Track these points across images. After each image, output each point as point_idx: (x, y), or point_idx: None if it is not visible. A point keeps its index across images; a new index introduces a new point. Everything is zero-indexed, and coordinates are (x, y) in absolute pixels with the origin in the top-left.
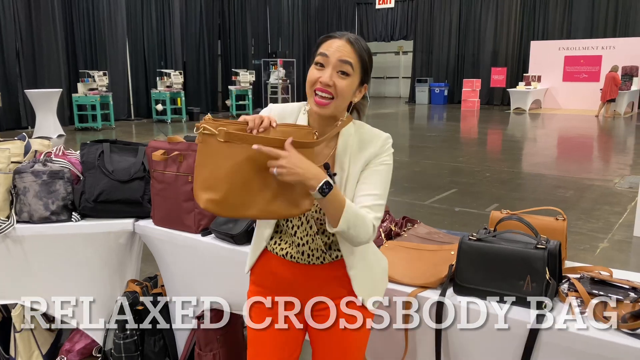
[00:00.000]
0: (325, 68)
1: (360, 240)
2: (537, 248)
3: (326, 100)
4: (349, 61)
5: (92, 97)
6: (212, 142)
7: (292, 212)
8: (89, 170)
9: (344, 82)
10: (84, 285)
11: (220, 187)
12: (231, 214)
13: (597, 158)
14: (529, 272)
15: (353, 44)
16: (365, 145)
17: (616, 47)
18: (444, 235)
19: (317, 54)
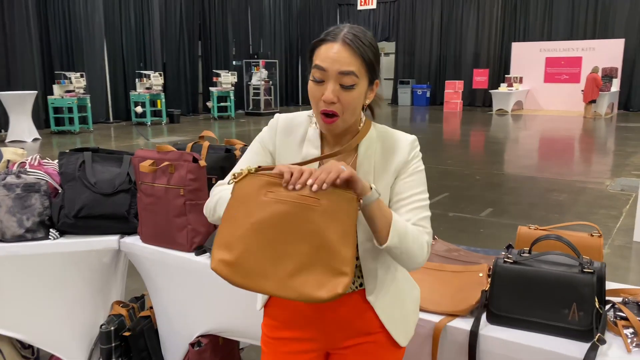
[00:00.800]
0: (325, 82)
1: (415, 257)
2: (583, 272)
3: (333, 118)
4: (350, 71)
5: (68, 100)
6: (239, 192)
7: (316, 294)
8: (69, 182)
9: (349, 95)
10: (64, 310)
11: (236, 246)
12: (244, 283)
13: (585, 160)
14: (575, 299)
15: (351, 45)
16: (390, 152)
17: (596, 49)
18: (466, 253)
19: (313, 66)
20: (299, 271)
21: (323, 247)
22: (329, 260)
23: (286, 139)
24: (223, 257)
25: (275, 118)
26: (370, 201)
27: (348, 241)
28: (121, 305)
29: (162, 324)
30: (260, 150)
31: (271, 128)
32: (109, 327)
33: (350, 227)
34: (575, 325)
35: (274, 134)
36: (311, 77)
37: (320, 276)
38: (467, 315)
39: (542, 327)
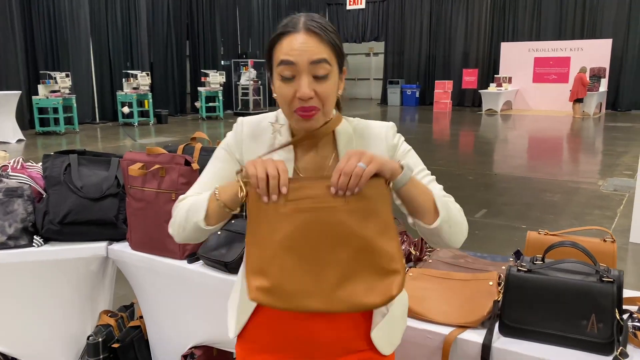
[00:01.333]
0: (296, 78)
1: (463, 226)
2: (602, 281)
3: (312, 112)
4: (323, 58)
5: (53, 100)
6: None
7: (369, 301)
8: (54, 186)
9: (326, 86)
10: (49, 321)
11: (270, 269)
12: (289, 306)
13: (577, 160)
14: (593, 310)
15: (317, 32)
16: (370, 142)
17: (584, 49)
18: (473, 260)
19: (279, 62)
20: (344, 280)
21: (363, 248)
22: (373, 260)
23: (253, 144)
24: (260, 284)
25: (239, 122)
26: (404, 182)
27: (389, 234)
28: (109, 315)
29: (152, 335)
30: (227, 158)
31: (236, 133)
32: (96, 338)
33: (388, 217)
34: (595, 337)
35: (240, 140)
36: (277, 76)
37: (368, 281)
38: (478, 326)
39: (559, 340)
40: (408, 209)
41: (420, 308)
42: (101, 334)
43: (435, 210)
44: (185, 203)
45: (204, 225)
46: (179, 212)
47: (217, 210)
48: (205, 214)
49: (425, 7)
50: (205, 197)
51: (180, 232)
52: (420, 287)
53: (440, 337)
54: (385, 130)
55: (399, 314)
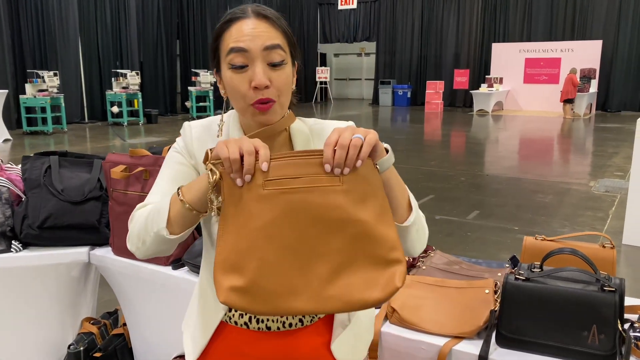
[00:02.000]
0: (249, 66)
1: (425, 238)
2: (604, 290)
3: (268, 104)
4: (277, 44)
5: (41, 99)
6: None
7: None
8: (33, 189)
9: (282, 74)
10: (28, 329)
11: (246, 264)
12: (269, 309)
13: (567, 160)
14: (595, 320)
15: (268, 16)
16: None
17: (574, 50)
18: (468, 266)
19: (229, 50)
20: (337, 274)
21: (361, 234)
22: (372, 249)
23: (204, 146)
24: (233, 284)
25: (186, 126)
26: (388, 166)
27: (388, 219)
28: (92, 322)
29: (136, 343)
30: (183, 160)
31: (185, 138)
32: (77, 347)
33: (384, 201)
34: (596, 349)
35: (190, 143)
36: (226, 66)
37: (367, 273)
38: (475, 337)
39: (558, 352)
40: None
41: (414, 318)
42: (83, 342)
43: (409, 207)
44: (143, 212)
45: (166, 234)
46: (136, 223)
47: (181, 214)
48: (167, 221)
49: (416, 7)
50: (167, 201)
51: (139, 246)
52: (414, 296)
53: (435, 348)
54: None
55: (365, 322)
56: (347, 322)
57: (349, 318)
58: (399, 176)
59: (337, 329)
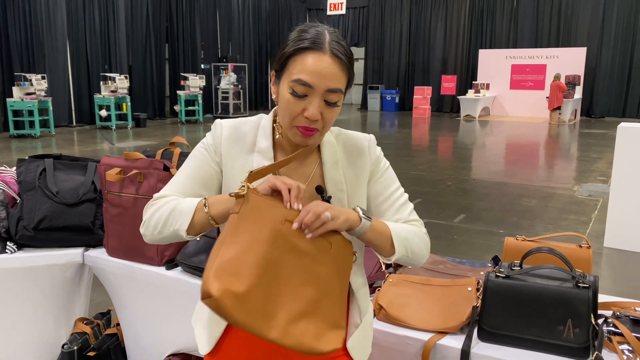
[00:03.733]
0: (307, 97)
1: (422, 254)
2: (578, 286)
3: (313, 132)
4: (339, 88)
5: (29, 102)
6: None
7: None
8: (28, 191)
9: (333, 112)
10: (22, 329)
11: (246, 277)
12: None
13: (553, 165)
14: (570, 315)
15: (341, 58)
16: (354, 154)
17: (559, 57)
18: (452, 266)
19: (295, 79)
20: (300, 317)
21: (328, 295)
22: (330, 310)
23: (232, 148)
24: (232, 288)
25: (217, 125)
26: (364, 231)
27: (346, 293)
28: (85, 322)
29: (130, 343)
30: (206, 158)
31: (215, 136)
32: (71, 346)
33: (347, 280)
34: (571, 342)
35: (219, 142)
36: (288, 89)
37: (319, 326)
38: (458, 332)
39: (536, 345)
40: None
41: (400, 314)
42: (76, 342)
43: (392, 247)
44: (167, 206)
45: (185, 235)
46: (156, 213)
47: (202, 222)
48: (189, 224)
49: (404, 13)
50: (192, 205)
51: (154, 233)
52: (400, 294)
53: (419, 343)
54: (367, 143)
55: (368, 324)
56: (359, 321)
57: (360, 318)
58: (380, 227)
59: (351, 328)
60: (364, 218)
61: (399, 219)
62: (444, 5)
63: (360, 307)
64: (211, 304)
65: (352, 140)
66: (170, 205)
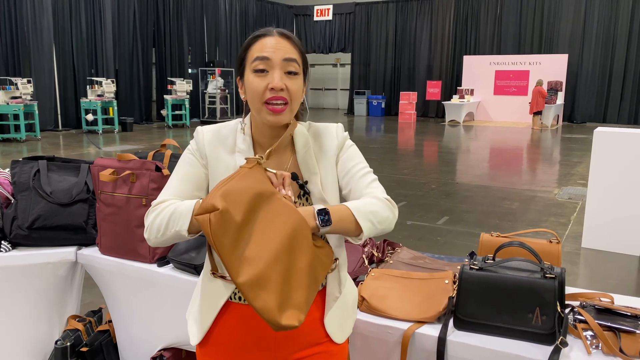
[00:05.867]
0: (269, 72)
1: (389, 220)
2: (546, 277)
3: (281, 107)
4: (294, 58)
5: (14, 106)
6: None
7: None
8: (22, 191)
9: (295, 83)
10: (16, 326)
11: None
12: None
13: (534, 169)
14: (538, 304)
15: (290, 37)
16: (323, 140)
17: (542, 63)
18: (431, 261)
19: (254, 58)
20: (269, 281)
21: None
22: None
23: (215, 150)
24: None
25: (199, 131)
26: (325, 232)
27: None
28: (77, 319)
29: (121, 339)
30: (195, 162)
31: (198, 141)
32: (64, 342)
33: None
34: (539, 329)
35: (202, 146)
36: (250, 71)
37: (283, 299)
38: (435, 321)
39: (507, 332)
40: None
41: (381, 305)
42: (69, 338)
43: (358, 227)
44: (166, 210)
45: (186, 235)
46: (157, 218)
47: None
48: (189, 224)
49: (390, 20)
50: (190, 207)
51: (157, 236)
52: (382, 286)
53: (399, 332)
54: (335, 129)
55: (350, 302)
56: (338, 293)
57: (340, 290)
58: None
59: (330, 303)
60: (321, 226)
61: (360, 187)
62: (429, 12)
63: (341, 278)
64: (215, 217)
65: (322, 129)
66: (170, 208)
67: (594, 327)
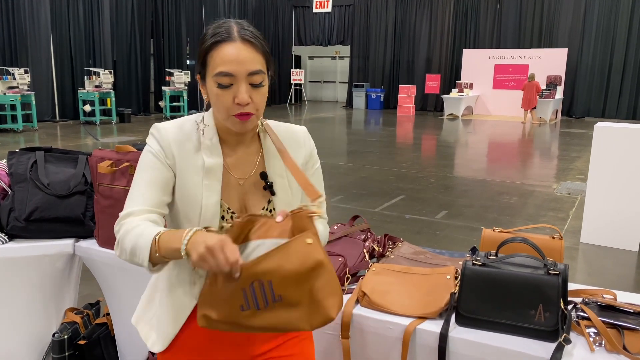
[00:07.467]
0: (233, 86)
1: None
2: (549, 274)
3: (248, 116)
4: (258, 70)
5: (11, 96)
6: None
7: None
8: (19, 183)
9: (260, 93)
10: (13, 318)
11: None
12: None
13: (533, 164)
14: (541, 300)
15: (252, 42)
16: (291, 144)
17: (541, 57)
18: (432, 256)
19: (217, 72)
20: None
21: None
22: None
23: (182, 147)
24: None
25: (160, 129)
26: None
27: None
28: (75, 312)
29: (119, 331)
30: (159, 165)
31: (161, 140)
32: (62, 335)
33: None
34: (542, 325)
35: (167, 145)
36: (213, 84)
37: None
38: (436, 317)
39: (509, 328)
40: None
41: (382, 301)
42: (67, 331)
43: None
44: (130, 237)
45: (150, 268)
46: (124, 241)
47: (160, 260)
48: (149, 260)
49: (390, 12)
50: (147, 243)
51: (127, 259)
52: (382, 281)
53: (400, 327)
54: (302, 136)
55: None
56: None
57: None
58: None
59: None
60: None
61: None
62: (428, 5)
63: None
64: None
65: (287, 131)
66: (133, 236)
67: (597, 324)
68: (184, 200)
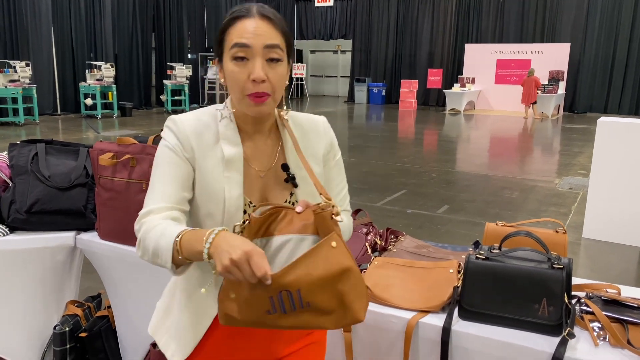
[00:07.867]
0: (249, 60)
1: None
2: (553, 268)
3: (264, 97)
4: (276, 44)
5: (13, 89)
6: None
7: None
8: (20, 175)
9: (278, 71)
10: (14, 311)
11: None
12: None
13: (535, 159)
14: (545, 294)
15: (272, 19)
16: (311, 135)
17: (544, 52)
18: (435, 250)
19: (233, 44)
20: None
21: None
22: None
23: (201, 140)
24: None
25: (176, 121)
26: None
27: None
28: (76, 304)
29: (121, 324)
30: (177, 160)
31: (179, 132)
32: (63, 328)
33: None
34: (545, 320)
35: (185, 138)
36: (229, 58)
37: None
38: (439, 311)
39: (513, 322)
40: None
41: (384, 294)
42: (68, 323)
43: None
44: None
45: (173, 271)
46: (145, 241)
47: (183, 262)
48: (172, 262)
49: (392, 7)
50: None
51: (150, 261)
52: (385, 275)
53: (403, 321)
54: (322, 126)
55: None
56: None
57: None
58: None
59: None
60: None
61: (340, 205)
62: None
63: None
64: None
65: (307, 122)
66: (154, 236)
67: (601, 319)
68: (205, 195)
